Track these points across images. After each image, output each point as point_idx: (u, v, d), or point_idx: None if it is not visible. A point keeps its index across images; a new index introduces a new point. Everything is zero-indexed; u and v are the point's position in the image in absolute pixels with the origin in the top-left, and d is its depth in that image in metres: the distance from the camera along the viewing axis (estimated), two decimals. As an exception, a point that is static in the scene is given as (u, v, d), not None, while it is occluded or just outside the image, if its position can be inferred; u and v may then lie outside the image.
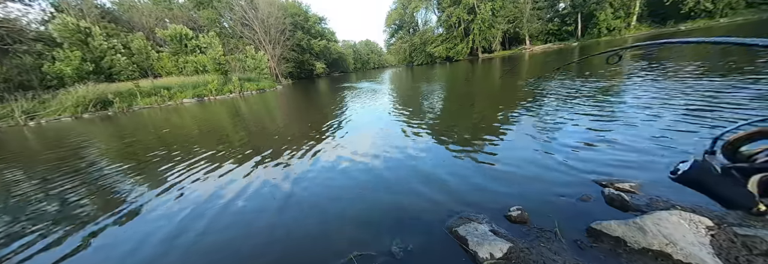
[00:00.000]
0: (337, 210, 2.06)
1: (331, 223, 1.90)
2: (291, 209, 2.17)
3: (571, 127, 3.23)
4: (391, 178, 2.51)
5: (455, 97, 7.02)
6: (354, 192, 2.34)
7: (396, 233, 1.69)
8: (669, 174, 0.59)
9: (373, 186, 2.40)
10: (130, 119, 11.00)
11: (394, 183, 2.40)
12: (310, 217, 2.01)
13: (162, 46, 24.87)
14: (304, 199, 2.31)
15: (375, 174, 2.64)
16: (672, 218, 1.29)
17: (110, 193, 2.98)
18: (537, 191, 1.98)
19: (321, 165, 3.07)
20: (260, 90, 21.02)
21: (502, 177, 2.27)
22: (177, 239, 1.94)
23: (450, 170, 2.51)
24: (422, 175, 2.49)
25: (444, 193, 2.13)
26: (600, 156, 2.39)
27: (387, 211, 1.97)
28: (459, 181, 2.28)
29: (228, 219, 2.14)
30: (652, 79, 5.41)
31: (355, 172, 2.75)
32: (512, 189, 2.06)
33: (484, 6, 34.73)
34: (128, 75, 20.75)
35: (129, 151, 5.15)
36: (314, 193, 2.40)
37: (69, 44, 18.42)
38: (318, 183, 2.60)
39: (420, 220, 1.81)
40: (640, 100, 3.95)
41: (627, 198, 1.64)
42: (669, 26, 28.05)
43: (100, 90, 15.43)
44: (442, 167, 2.60)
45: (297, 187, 2.55)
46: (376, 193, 2.26)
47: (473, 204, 1.92)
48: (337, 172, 2.82)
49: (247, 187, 2.69)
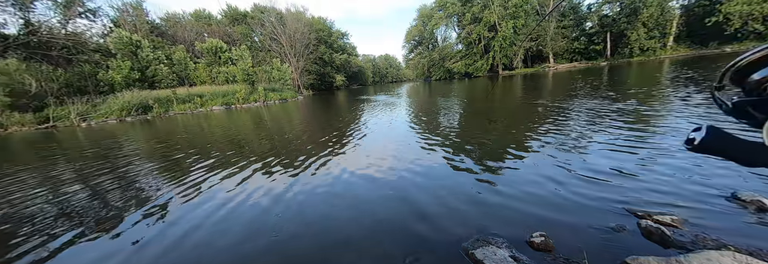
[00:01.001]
0: (349, 225, 2.04)
1: (342, 238, 1.87)
2: (298, 222, 2.17)
3: (599, 151, 3.06)
4: (406, 193, 2.47)
5: (473, 114, 6.94)
6: (367, 207, 2.31)
7: (409, 252, 1.63)
8: (684, 145, 0.54)
9: (387, 201, 2.37)
10: (165, 123, 11.86)
11: (409, 199, 2.35)
12: (319, 231, 1.99)
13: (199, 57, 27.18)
14: (314, 212, 2.31)
15: (389, 188, 2.61)
16: (724, 260, 1.15)
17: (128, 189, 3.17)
18: (563, 217, 1.86)
19: (333, 177, 3.08)
20: (282, 100, 22.02)
21: (524, 199, 2.15)
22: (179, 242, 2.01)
23: (468, 188, 2.43)
24: (438, 192, 2.43)
25: (461, 211, 2.05)
26: (634, 184, 2.22)
27: (400, 227, 1.92)
28: (477, 201, 2.19)
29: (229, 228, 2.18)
30: (697, 104, 5.06)
31: (369, 185, 2.73)
32: (535, 212, 1.95)
33: (505, 23, 34.99)
34: (168, 83, 22.67)
35: (156, 151, 5.51)
36: (324, 207, 2.39)
37: (121, 55, 20.68)
38: (329, 195, 2.60)
39: (434, 239, 1.74)
40: (681, 126, 3.69)
41: (668, 232, 1.50)
42: (711, 48, 26.38)
43: (142, 96, 16.93)
44: (459, 185, 2.52)
45: (307, 200, 2.56)
46: (389, 209, 2.22)
47: (492, 226, 1.83)
48: (350, 185, 2.81)
49: (259, 197, 2.74)
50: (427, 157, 3.45)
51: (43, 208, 2.87)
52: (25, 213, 2.78)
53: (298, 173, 3.31)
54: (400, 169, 3.09)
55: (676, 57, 25.26)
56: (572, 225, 1.76)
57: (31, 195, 3.34)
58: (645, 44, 29.75)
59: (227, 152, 4.80)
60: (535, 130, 4.26)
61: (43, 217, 2.63)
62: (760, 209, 1.68)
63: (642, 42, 29.67)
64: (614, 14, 31.62)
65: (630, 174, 2.39)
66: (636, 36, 29.49)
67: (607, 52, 33.07)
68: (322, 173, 3.24)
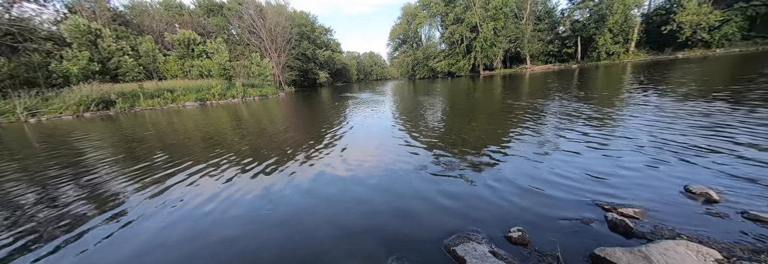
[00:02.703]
0: (331, 224, 2.00)
1: (325, 237, 1.84)
2: (281, 221, 2.11)
3: (572, 148, 3.24)
4: (387, 192, 2.47)
5: (456, 113, 7.09)
6: (348, 205, 2.28)
7: (392, 250, 1.63)
8: None
9: (372, 198, 2.35)
10: (131, 119, 10.97)
11: (391, 197, 2.35)
12: (302, 230, 1.94)
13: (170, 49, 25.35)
14: (295, 211, 2.25)
15: (371, 187, 2.60)
16: (679, 248, 1.26)
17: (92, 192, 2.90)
18: (538, 212, 1.95)
19: (315, 176, 3.02)
20: (263, 96, 21.20)
21: (503, 195, 2.23)
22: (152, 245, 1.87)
23: (449, 186, 2.48)
24: (420, 190, 2.45)
25: (442, 209, 2.08)
26: (602, 178, 2.37)
27: (383, 226, 1.91)
28: (458, 198, 2.24)
29: (206, 228, 2.07)
30: (656, 104, 5.52)
31: (351, 184, 2.70)
32: (513, 208, 2.03)
33: (486, 25, 36.03)
34: (133, 76, 20.96)
35: (118, 150, 5.08)
36: (306, 205, 2.34)
37: (78, 44, 18.78)
38: (310, 194, 2.55)
39: (417, 236, 1.76)
40: (644, 124, 4.01)
41: (631, 224, 1.62)
42: (666, 53, 29.12)
43: (104, 90, 15.51)
44: (441, 183, 2.57)
45: (288, 199, 2.49)
46: (371, 207, 2.21)
47: (472, 222, 1.87)
48: (332, 183, 2.77)
49: (236, 196, 2.63)
50: (408, 156, 3.47)
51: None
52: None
53: (277, 173, 3.21)
54: (381, 169, 3.09)
55: (637, 61, 27.48)
56: (547, 219, 1.85)
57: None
58: (611, 49, 32.04)
59: (200, 151, 4.53)
60: (512, 129, 4.43)
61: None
62: (708, 201, 1.86)
63: (608, 46, 31.92)
64: (584, 20, 33.69)
65: (597, 170, 2.55)
66: (603, 41, 31.65)
67: (578, 55, 35.20)
68: (301, 173, 3.16)
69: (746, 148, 2.68)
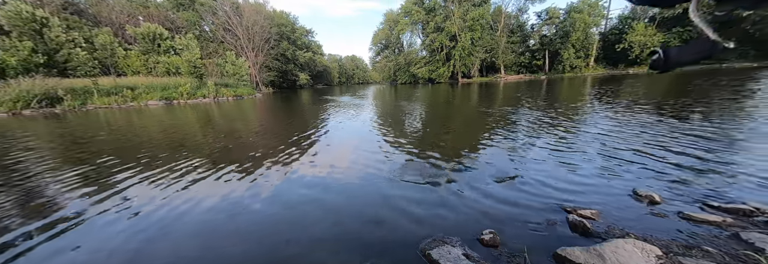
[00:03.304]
0: (305, 230, 1.95)
1: (298, 244, 1.78)
2: (252, 228, 2.01)
3: (537, 154, 3.47)
4: (361, 197, 2.46)
5: (433, 119, 7.29)
6: (320, 212, 2.24)
7: (368, 255, 1.63)
8: (650, 70, 0.57)
9: (345, 205, 2.33)
10: (81, 119, 9.87)
11: (365, 203, 2.35)
12: (275, 238, 1.87)
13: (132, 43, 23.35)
14: (268, 218, 2.16)
15: (344, 193, 2.58)
16: (627, 246, 1.40)
17: (36, 201, 2.55)
18: (507, 215, 2.05)
19: (290, 181, 2.93)
20: (237, 96, 20.22)
21: (475, 199, 2.32)
22: None
23: (423, 191, 2.53)
24: (396, 195, 2.47)
25: (417, 214, 2.11)
26: (564, 182, 2.56)
27: (358, 231, 1.90)
28: (432, 203, 2.29)
29: (156, 239, 1.93)
30: (608, 115, 6.10)
31: (322, 190, 2.66)
32: (484, 212, 2.11)
33: (464, 35, 37.77)
34: (87, 71, 18.99)
35: (61, 153, 4.55)
36: (279, 212, 2.26)
37: (19, 33, 16.66)
38: (284, 201, 2.47)
39: (393, 241, 1.77)
40: (599, 133, 4.41)
41: (588, 225, 1.76)
42: (620, 69, 32.69)
43: (49, 85, 13.83)
44: (417, 188, 2.61)
45: (260, 205, 2.39)
46: (344, 213, 2.19)
47: (447, 226, 1.92)
48: (307, 189, 2.70)
49: (205, 202, 2.47)
50: (383, 162, 3.50)
51: None
52: None
53: (243, 179, 3.06)
54: (355, 174, 3.07)
55: (596, 75, 30.42)
56: (515, 221, 1.95)
57: None
58: (574, 63, 35.16)
59: (158, 154, 4.19)
60: (484, 136, 4.65)
61: None
62: (652, 202, 2.09)
63: (572, 61, 35.01)
64: (551, 35, 36.67)
65: (559, 174, 2.76)
66: (567, 55, 34.66)
67: (546, 67, 38.10)
68: (269, 179, 3.04)
69: (678, 155, 3.06)
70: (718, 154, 3.01)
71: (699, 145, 3.35)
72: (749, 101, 6.32)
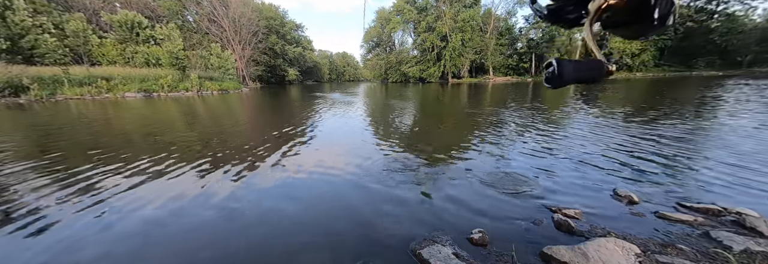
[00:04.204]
0: (295, 230, 1.91)
1: (288, 243, 1.74)
2: (241, 228, 1.95)
3: (524, 155, 3.56)
4: (353, 197, 2.44)
5: (423, 119, 7.34)
6: (309, 212, 2.20)
7: (359, 255, 1.61)
8: (545, 84, 0.56)
9: (332, 206, 2.30)
10: (49, 110, 9.20)
11: (357, 202, 2.33)
12: (264, 238, 1.82)
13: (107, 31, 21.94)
14: (257, 217, 2.10)
15: (335, 193, 2.54)
16: (609, 245, 1.46)
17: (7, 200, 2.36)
18: (496, 214, 2.09)
19: (278, 180, 2.87)
20: (223, 90, 19.53)
21: (464, 199, 2.35)
22: None
23: (413, 190, 2.53)
24: (386, 194, 2.46)
25: (408, 213, 2.11)
26: (548, 182, 2.64)
27: (349, 231, 1.88)
28: (423, 202, 2.30)
29: (158, 238, 1.83)
30: (592, 117, 6.35)
31: (310, 191, 2.61)
32: (474, 211, 2.14)
33: (455, 36, 38.19)
34: (56, 59, 17.71)
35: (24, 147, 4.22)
36: (268, 212, 2.20)
37: (-21, 15, 15.27)
38: (273, 200, 2.41)
39: (384, 241, 1.76)
40: (582, 134, 4.58)
41: (572, 224, 1.82)
42: (601, 74, 34.39)
43: (12, 73, 12.79)
44: (405, 187, 2.61)
45: (248, 204, 2.32)
46: (335, 213, 2.16)
47: (437, 225, 1.94)
48: (295, 188, 2.65)
49: (188, 201, 2.37)
50: (372, 161, 3.48)
51: None
52: None
53: (232, 179, 2.96)
54: (343, 174, 3.04)
55: (579, 79, 31.74)
56: (503, 221, 1.99)
57: None
58: (559, 66, 36.47)
59: (140, 149, 3.98)
60: (473, 137, 4.73)
61: None
62: (631, 202, 2.19)
63: (557, 64, 36.30)
64: (538, 38, 37.79)
65: (545, 175, 2.84)
66: (552, 59, 35.92)
67: (533, 70, 39.25)
68: (260, 179, 2.96)
69: (654, 157, 3.23)
70: (689, 157, 3.20)
71: (673, 148, 3.55)
72: (718, 107, 6.78)
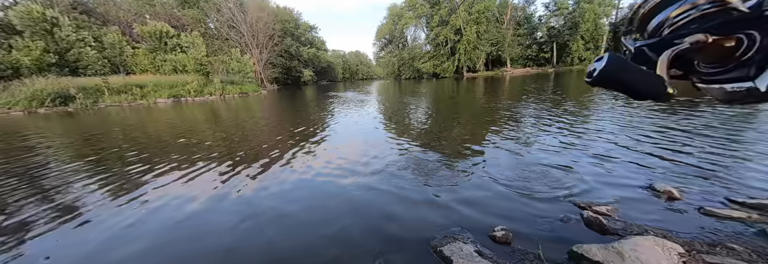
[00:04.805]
0: (315, 227, 1.95)
1: (307, 241, 1.79)
2: (262, 225, 2.03)
3: (548, 149, 3.39)
4: (373, 194, 2.44)
5: (439, 114, 7.21)
6: (329, 208, 2.24)
7: (378, 252, 1.62)
8: (586, 79, 0.53)
9: (352, 202, 2.32)
10: (93, 117, 10.11)
11: (377, 200, 2.33)
12: (284, 235, 1.88)
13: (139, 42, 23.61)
14: (278, 215, 2.17)
15: (356, 189, 2.56)
16: (647, 244, 1.35)
17: (56, 199, 2.63)
18: (520, 211, 2.01)
19: (298, 178, 2.94)
20: (243, 94, 20.38)
21: (485, 196, 2.28)
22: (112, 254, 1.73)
23: (434, 187, 2.50)
24: (405, 191, 2.45)
25: (427, 210, 2.09)
26: (577, 178, 2.50)
27: (368, 228, 1.89)
28: (443, 199, 2.26)
29: (185, 234, 1.96)
30: (621, 108, 5.92)
31: (334, 187, 2.65)
32: (496, 208, 2.08)
33: (470, 28, 37.03)
34: (97, 70, 19.36)
35: (78, 149, 4.66)
36: (288, 209, 2.27)
37: (31, 33, 16.99)
38: (293, 198, 2.48)
39: (403, 238, 1.75)
40: (612, 126, 4.29)
41: (604, 221, 1.71)
42: (631, 60, 31.75)
43: (62, 84, 14.16)
44: (426, 184, 2.58)
45: (270, 202, 2.41)
46: (353, 210, 2.18)
47: (458, 222, 1.90)
48: (315, 186, 2.70)
49: (214, 199, 2.50)
50: (390, 158, 3.47)
51: None
52: None
53: (257, 176, 3.08)
54: (363, 171, 3.06)
55: (607, 67, 29.54)
56: (528, 218, 1.92)
57: None
58: (583, 55, 34.23)
59: (172, 152, 4.26)
60: (492, 131, 4.57)
61: None
62: (671, 198, 2.02)
63: (581, 53, 34.08)
64: (559, 26, 35.65)
65: (572, 170, 2.69)
66: (576, 47, 33.75)
67: (554, 59, 37.20)
68: (283, 176, 3.06)
69: (696, 150, 2.95)
70: (736, 149, 2.89)
71: (715, 139, 3.22)
72: None
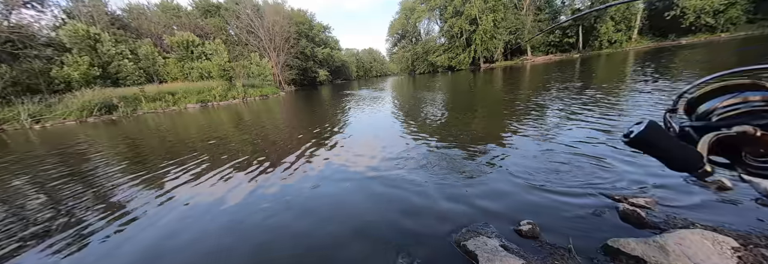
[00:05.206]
0: (338, 222, 2.00)
1: (332, 236, 1.83)
2: (288, 221, 2.11)
3: (575, 139, 3.20)
4: (393, 189, 2.45)
5: (457, 107, 7.04)
6: (352, 203, 2.28)
7: (401, 247, 1.63)
8: (622, 137, 0.56)
9: (374, 196, 2.34)
10: (133, 123, 11.05)
11: (397, 195, 2.34)
12: (309, 230, 1.94)
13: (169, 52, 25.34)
14: (303, 211, 2.25)
15: (377, 184, 2.59)
16: (694, 237, 1.24)
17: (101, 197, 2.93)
18: (547, 204, 1.93)
19: (319, 175, 3.01)
20: (263, 96, 21.21)
21: (511, 188, 2.21)
22: (162, 245, 1.89)
23: (455, 181, 2.46)
24: (426, 185, 2.43)
25: (450, 204, 2.07)
26: (609, 169, 2.34)
27: (391, 223, 1.91)
28: (465, 193, 2.22)
29: (219, 228, 2.08)
30: (655, 92, 5.42)
31: (356, 182, 2.69)
32: (521, 201, 2.01)
33: (485, 17, 35.47)
34: (134, 80, 21.04)
35: (124, 154, 5.12)
36: (313, 205, 2.34)
37: (78, 50, 18.81)
38: (317, 194, 2.54)
39: (426, 233, 1.75)
40: (646, 112, 3.94)
41: (643, 214, 1.59)
42: (670, 40, 28.61)
43: (105, 94, 15.60)
44: (447, 178, 2.55)
45: (295, 198, 2.49)
46: (375, 204, 2.20)
47: (481, 216, 1.86)
48: (337, 182, 2.75)
49: (241, 195, 2.63)
50: (410, 152, 3.45)
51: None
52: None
53: (280, 174, 3.21)
54: (382, 166, 3.07)
55: (640, 49, 26.99)
56: (556, 211, 1.83)
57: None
58: (613, 37, 31.52)
59: (204, 153, 4.55)
60: (513, 122, 4.38)
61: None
62: (721, 188, 1.82)
63: (610, 35, 31.40)
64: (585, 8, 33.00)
65: (603, 160, 2.52)
66: (605, 29, 31.12)
67: (580, 44, 34.65)
68: (304, 173, 3.15)
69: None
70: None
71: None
72: None
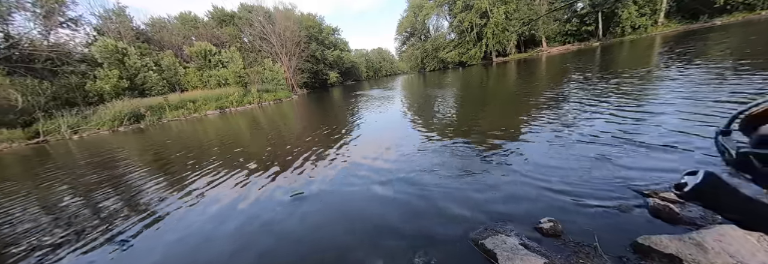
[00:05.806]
0: (357, 222, 2.02)
1: (351, 235, 1.86)
2: (308, 220, 2.16)
3: (598, 131, 3.03)
4: (410, 188, 2.44)
5: (469, 103, 6.88)
6: (368, 202, 2.29)
7: (419, 246, 1.62)
8: (673, 189, 0.48)
9: (389, 196, 2.34)
10: (159, 131, 11.73)
11: (415, 193, 2.33)
12: (328, 228, 1.98)
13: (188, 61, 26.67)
14: (321, 210, 2.29)
15: (394, 184, 2.58)
16: (736, 233, 1.13)
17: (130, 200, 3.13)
18: (569, 201, 1.84)
19: (336, 175, 3.05)
20: (277, 100, 21.80)
21: (529, 185, 2.13)
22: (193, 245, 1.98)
23: (471, 178, 2.41)
24: (441, 184, 2.40)
25: (466, 202, 2.03)
26: (633, 163, 2.20)
27: (408, 222, 1.90)
28: (482, 190, 2.17)
29: (240, 227, 2.16)
30: (683, 81, 5.02)
31: (373, 182, 2.70)
32: (541, 198, 1.93)
33: (497, 10, 34.40)
34: (158, 90, 22.33)
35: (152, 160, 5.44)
36: (331, 204, 2.38)
37: (108, 64, 20.23)
38: (335, 193, 2.58)
39: (443, 232, 1.72)
40: (674, 104, 3.66)
41: (676, 210, 1.48)
42: (702, 22, 26.19)
43: (134, 104, 16.67)
44: (462, 176, 2.50)
45: (314, 198, 2.55)
46: (392, 203, 2.20)
47: (499, 214, 1.81)
48: (354, 182, 2.78)
49: (261, 196, 2.72)
50: (424, 151, 3.42)
51: (44, 222, 2.83)
52: (23, 226, 2.74)
53: (298, 174, 3.28)
54: (398, 165, 3.06)
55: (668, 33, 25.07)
56: (579, 208, 1.74)
57: (27, 211, 3.29)
58: (636, 22, 29.48)
59: (224, 156, 4.74)
60: (530, 117, 4.22)
61: (44, 230, 2.60)
62: (767, 181, 1.66)
63: (633, 20, 29.39)
64: (604, -7, 31.14)
65: (628, 154, 2.37)
66: (627, 14, 29.17)
67: (599, 32, 32.76)
68: (322, 173, 3.21)
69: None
70: None
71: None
72: None
